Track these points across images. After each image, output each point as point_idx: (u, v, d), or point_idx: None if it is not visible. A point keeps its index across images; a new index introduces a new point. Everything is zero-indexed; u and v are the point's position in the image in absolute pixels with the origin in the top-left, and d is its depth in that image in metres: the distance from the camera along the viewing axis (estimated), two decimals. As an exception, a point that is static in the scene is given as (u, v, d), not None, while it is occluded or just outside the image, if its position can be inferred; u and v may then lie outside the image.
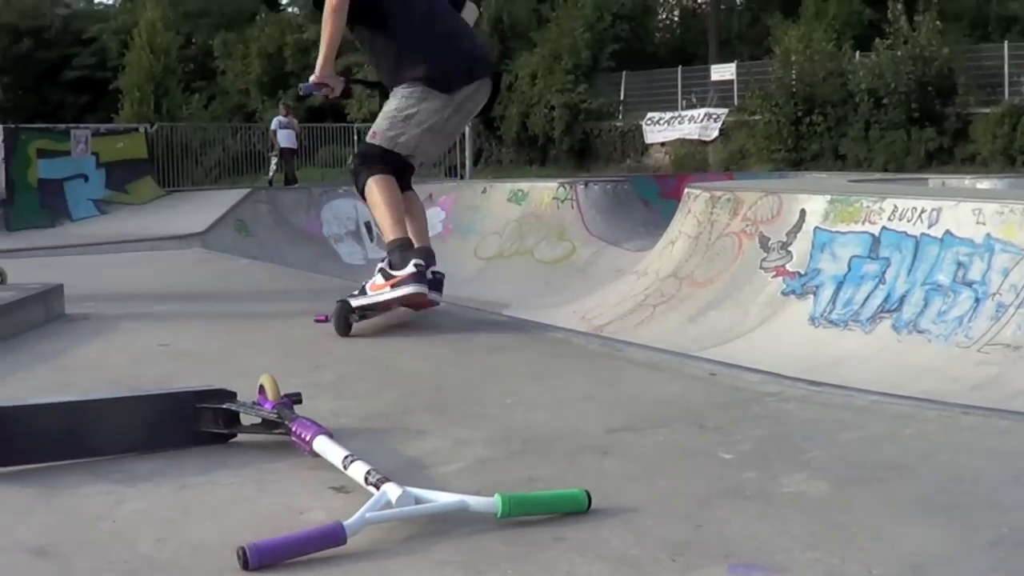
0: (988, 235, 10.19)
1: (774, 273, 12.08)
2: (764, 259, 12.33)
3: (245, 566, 2.75)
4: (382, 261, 6.55)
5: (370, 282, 6.50)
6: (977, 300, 9.91)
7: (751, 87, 38.41)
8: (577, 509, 3.16)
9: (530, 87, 42.88)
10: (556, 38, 43.28)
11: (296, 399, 3.97)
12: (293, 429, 3.71)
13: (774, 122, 36.44)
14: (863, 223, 11.41)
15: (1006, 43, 36.99)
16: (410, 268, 6.34)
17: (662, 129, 40.75)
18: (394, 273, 6.36)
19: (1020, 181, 23.73)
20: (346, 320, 6.40)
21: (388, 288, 6.35)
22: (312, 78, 6.81)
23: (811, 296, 11.39)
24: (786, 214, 12.48)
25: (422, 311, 6.74)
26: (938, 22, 35.07)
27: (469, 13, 7.12)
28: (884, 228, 11.11)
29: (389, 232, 6.54)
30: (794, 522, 3.10)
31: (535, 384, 5.13)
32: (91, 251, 15.51)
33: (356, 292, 6.57)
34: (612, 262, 18.33)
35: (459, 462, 3.76)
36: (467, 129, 37.10)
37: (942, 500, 3.30)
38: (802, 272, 11.69)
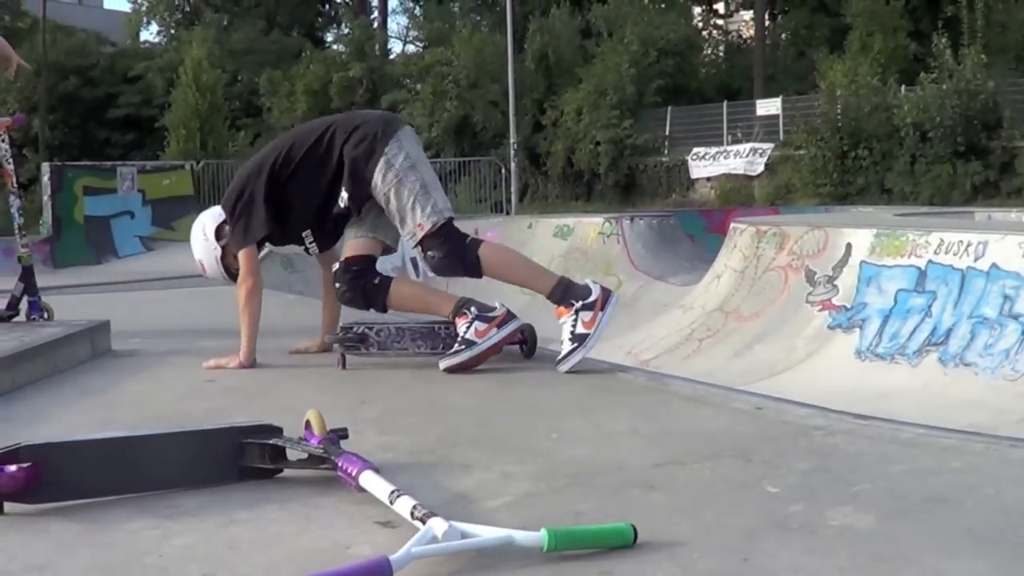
0: (1034, 268, 10.11)
1: (820, 307, 12.00)
2: (810, 293, 12.25)
3: (291, 600, 2.76)
4: (462, 321, 6.48)
5: (470, 333, 6.42)
6: (1023, 333, 9.83)
7: (796, 122, 38.15)
8: (623, 543, 3.15)
9: (575, 123, 42.78)
10: (601, 74, 43.15)
11: (342, 434, 3.98)
12: (339, 464, 3.72)
13: (820, 156, 36.23)
14: (909, 257, 11.33)
15: (1052, 76, 36.75)
16: (501, 307, 6.53)
17: (708, 164, 40.58)
18: (491, 315, 6.45)
19: (1067, 214, 23.58)
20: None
21: (495, 329, 6.42)
22: (234, 363, 6.70)
23: (857, 330, 11.30)
24: (832, 248, 12.40)
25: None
26: (983, 56, 34.85)
27: None
28: (930, 262, 11.02)
29: (446, 307, 6.59)
30: (841, 555, 3.09)
31: (581, 418, 5.13)
32: (137, 288, 15.63)
33: (454, 349, 6.44)
34: (658, 297, 18.24)
35: (505, 496, 3.76)
36: (513, 165, 37.17)
37: (989, 533, 3.28)
38: (848, 306, 11.60)
